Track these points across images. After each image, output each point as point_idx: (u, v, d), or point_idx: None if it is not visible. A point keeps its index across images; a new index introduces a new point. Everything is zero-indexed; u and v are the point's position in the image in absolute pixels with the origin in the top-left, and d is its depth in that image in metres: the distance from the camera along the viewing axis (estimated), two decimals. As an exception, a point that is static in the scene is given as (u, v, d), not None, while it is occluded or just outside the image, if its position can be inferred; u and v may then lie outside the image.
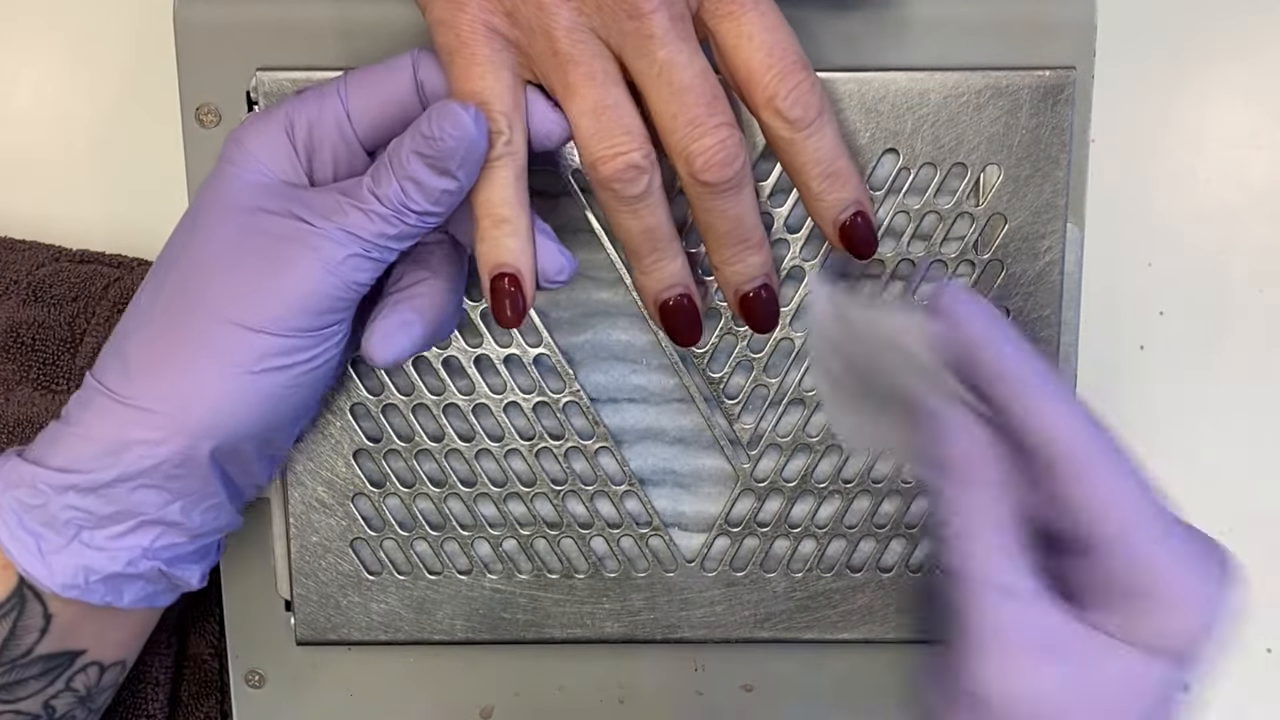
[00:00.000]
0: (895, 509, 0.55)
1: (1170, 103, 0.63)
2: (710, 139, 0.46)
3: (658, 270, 0.49)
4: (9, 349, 0.59)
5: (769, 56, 0.46)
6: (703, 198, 0.47)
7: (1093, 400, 0.63)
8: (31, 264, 0.60)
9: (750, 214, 0.48)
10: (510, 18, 0.46)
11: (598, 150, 0.46)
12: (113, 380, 0.47)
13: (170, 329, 0.46)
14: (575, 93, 0.46)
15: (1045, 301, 0.53)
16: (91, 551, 0.47)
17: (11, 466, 0.47)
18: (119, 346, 0.48)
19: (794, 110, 0.47)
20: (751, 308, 0.50)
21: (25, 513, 0.47)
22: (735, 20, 0.46)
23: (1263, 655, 0.65)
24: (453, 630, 0.56)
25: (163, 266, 0.48)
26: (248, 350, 0.46)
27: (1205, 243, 0.63)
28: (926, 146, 0.52)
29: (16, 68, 0.62)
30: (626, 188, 0.47)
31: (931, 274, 0.53)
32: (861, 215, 0.49)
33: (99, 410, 0.47)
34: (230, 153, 0.48)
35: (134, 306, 0.48)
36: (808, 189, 0.48)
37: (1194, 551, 0.43)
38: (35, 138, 0.62)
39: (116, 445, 0.46)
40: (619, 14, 0.45)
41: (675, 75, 0.46)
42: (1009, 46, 0.53)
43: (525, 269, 0.47)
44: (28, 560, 0.47)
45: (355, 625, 0.56)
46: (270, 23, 0.53)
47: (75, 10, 0.61)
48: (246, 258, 0.46)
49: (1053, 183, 0.53)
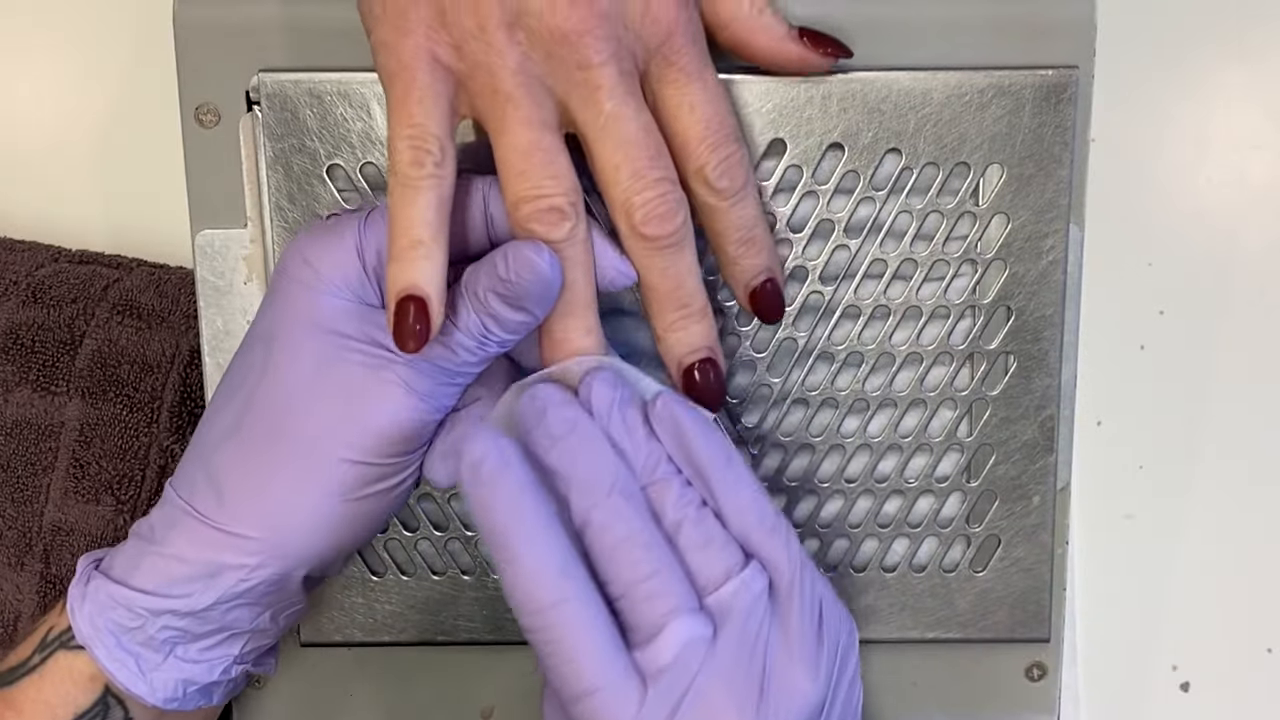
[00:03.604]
0: (898, 509, 0.55)
1: (1170, 103, 0.63)
2: (651, 192, 0.46)
3: (565, 339, 0.48)
4: (8, 350, 0.59)
5: (705, 128, 0.47)
6: (644, 253, 0.47)
7: (1093, 400, 0.64)
8: (31, 265, 0.60)
9: (691, 277, 0.48)
10: (457, 50, 0.46)
11: (521, 190, 0.46)
12: (203, 503, 0.47)
13: (264, 456, 0.47)
14: (508, 131, 0.46)
15: (1048, 301, 0.53)
16: (188, 665, 0.49)
17: (99, 586, 0.48)
18: (207, 466, 0.48)
19: (721, 181, 0.48)
20: (693, 382, 0.49)
21: (123, 634, 0.48)
22: (679, 88, 0.47)
23: (1263, 655, 0.65)
24: (455, 631, 0.56)
25: (243, 382, 0.48)
26: (342, 480, 0.47)
27: (1205, 243, 0.63)
28: (929, 146, 0.52)
29: (16, 68, 0.61)
30: (548, 230, 0.46)
31: (933, 274, 0.53)
32: (771, 282, 0.50)
33: (190, 533, 0.47)
34: (298, 271, 0.48)
35: (216, 420, 0.48)
36: (725, 254, 0.50)
37: None
38: (35, 138, 0.62)
39: (212, 569, 0.47)
40: (569, 64, 0.45)
41: (620, 128, 0.46)
42: (1011, 46, 0.53)
43: (434, 295, 0.45)
44: (129, 679, 0.48)
45: (357, 625, 0.56)
46: (270, 23, 0.53)
47: (75, 10, 0.61)
48: (336, 387, 0.47)
49: (1055, 182, 0.53)
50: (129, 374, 0.60)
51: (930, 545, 0.56)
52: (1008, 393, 0.54)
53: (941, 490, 0.55)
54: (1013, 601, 0.55)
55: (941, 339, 0.54)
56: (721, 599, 0.44)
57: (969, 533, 0.55)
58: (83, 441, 0.59)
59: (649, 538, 0.44)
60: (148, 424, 0.59)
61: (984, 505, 0.55)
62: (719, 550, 0.45)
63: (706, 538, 0.45)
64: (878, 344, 0.54)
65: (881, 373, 0.54)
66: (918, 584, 0.56)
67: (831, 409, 0.54)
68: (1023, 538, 0.55)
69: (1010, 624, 0.56)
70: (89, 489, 0.59)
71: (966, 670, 0.57)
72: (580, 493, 0.45)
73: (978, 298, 0.54)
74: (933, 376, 0.54)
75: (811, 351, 0.54)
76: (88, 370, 0.59)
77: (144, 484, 0.59)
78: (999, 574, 0.55)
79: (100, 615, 0.48)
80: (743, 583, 0.44)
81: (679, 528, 0.45)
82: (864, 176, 0.52)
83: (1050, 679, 0.57)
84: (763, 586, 0.45)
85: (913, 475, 0.55)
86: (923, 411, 0.54)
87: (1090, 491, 0.64)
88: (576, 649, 0.43)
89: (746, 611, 0.44)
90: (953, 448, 0.55)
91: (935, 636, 0.56)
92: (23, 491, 0.59)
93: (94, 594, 0.48)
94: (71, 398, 0.59)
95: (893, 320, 0.54)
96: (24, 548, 0.59)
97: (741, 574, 0.45)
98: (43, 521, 0.59)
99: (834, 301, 0.53)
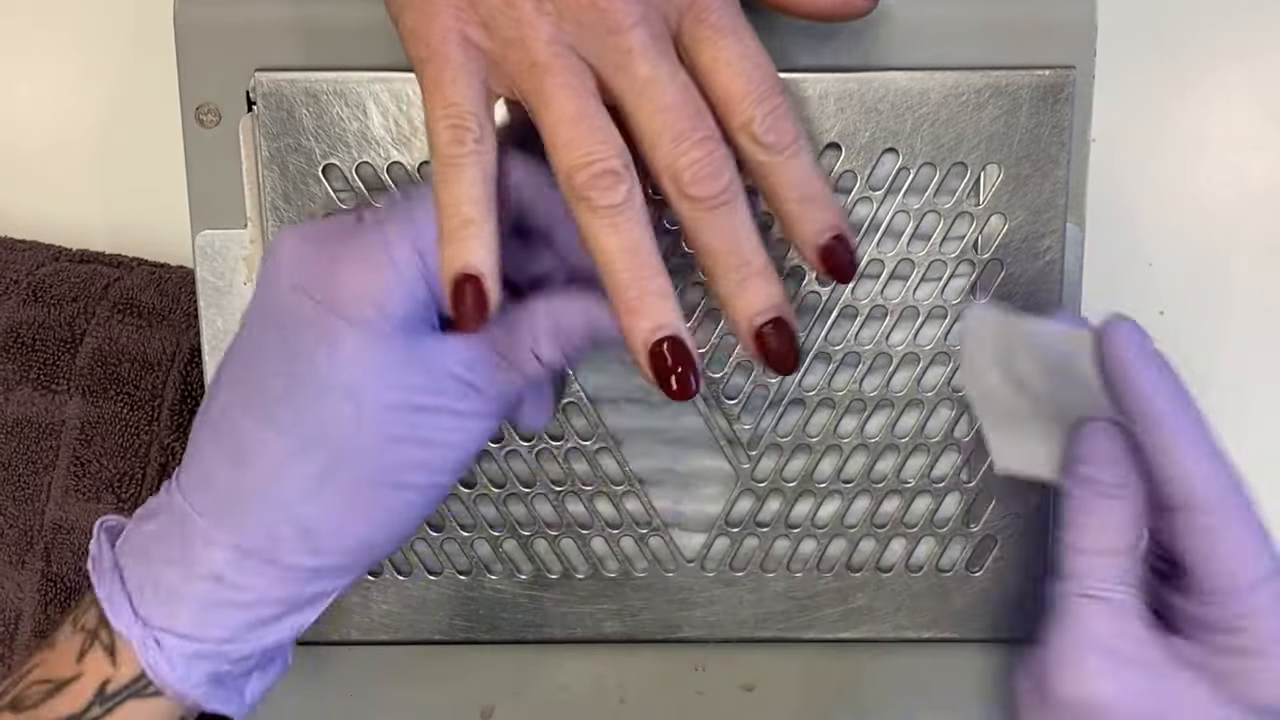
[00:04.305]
0: (895, 509, 0.55)
1: (1170, 103, 0.63)
2: (697, 151, 0.45)
3: (644, 306, 0.45)
4: (9, 349, 0.59)
5: (747, 82, 0.46)
6: (695, 215, 0.45)
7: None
8: (31, 264, 0.61)
9: (749, 235, 0.46)
10: (486, 28, 0.45)
11: (574, 158, 0.44)
12: (291, 554, 0.47)
13: (358, 505, 0.47)
14: (551, 102, 0.45)
15: (1045, 301, 0.53)
16: (267, 675, 0.50)
17: (174, 646, 0.47)
18: (292, 516, 0.47)
19: (769, 135, 0.46)
20: (765, 345, 0.46)
21: (217, 686, 0.48)
22: (713, 45, 0.46)
23: (1263, 655, 0.65)
24: (453, 630, 0.56)
25: (329, 434, 0.47)
26: (410, 510, 0.48)
27: (1205, 243, 0.63)
28: (926, 146, 0.52)
29: (16, 68, 0.62)
30: (603, 195, 0.44)
31: (930, 274, 0.53)
32: (840, 239, 0.47)
33: (277, 579, 0.47)
34: (360, 312, 0.46)
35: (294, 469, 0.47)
36: (785, 213, 0.47)
37: None
38: (35, 138, 0.62)
39: (298, 603, 0.48)
40: (599, 30, 0.45)
41: (657, 91, 0.45)
42: (1009, 46, 0.53)
43: (489, 272, 0.45)
44: (236, 709, 0.49)
45: (355, 625, 0.56)
46: (270, 23, 0.53)
47: (75, 10, 0.61)
48: (424, 435, 0.47)
49: (1052, 182, 0.53)
50: (130, 372, 0.60)
51: (927, 545, 0.56)
52: (1005, 393, 0.54)
53: (938, 490, 0.55)
54: (1010, 602, 0.55)
55: (939, 339, 0.54)
56: None
57: (966, 532, 0.55)
58: (83, 440, 0.59)
59: None
60: (148, 422, 0.60)
61: (981, 505, 0.55)
62: None
63: None
64: (875, 344, 0.54)
65: (879, 373, 0.54)
66: (914, 584, 0.56)
67: (829, 409, 0.54)
68: (1020, 538, 0.55)
69: (1007, 624, 0.56)
70: (90, 487, 0.59)
71: (965, 670, 0.57)
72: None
73: (975, 298, 0.54)
74: (930, 376, 0.54)
75: (809, 351, 0.54)
76: (88, 369, 0.59)
77: (144, 482, 0.59)
78: (996, 574, 0.55)
79: (190, 671, 0.47)
80: None
81: None
82: (861, 176, 0.52)
83: (1049, 679, 0.57)
84: None
85: (910, 475, 0.55)
86: (920, 411, 0.54)
87: (1090, 492, 0.64)
88: (1247, 534, 0.44)
89: None
90: (950, 448, 0.55)
91: (932, 636, 0.56)
92: (24, 490, 0.59)
93: (172, 652, 0.47)
94: (72, 396, 0.59)
95: (890, 320, 0.54)
96: (25, 546, 0.59)
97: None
98: (44, 520, 0.59)
99: (831, 301, 0.53)
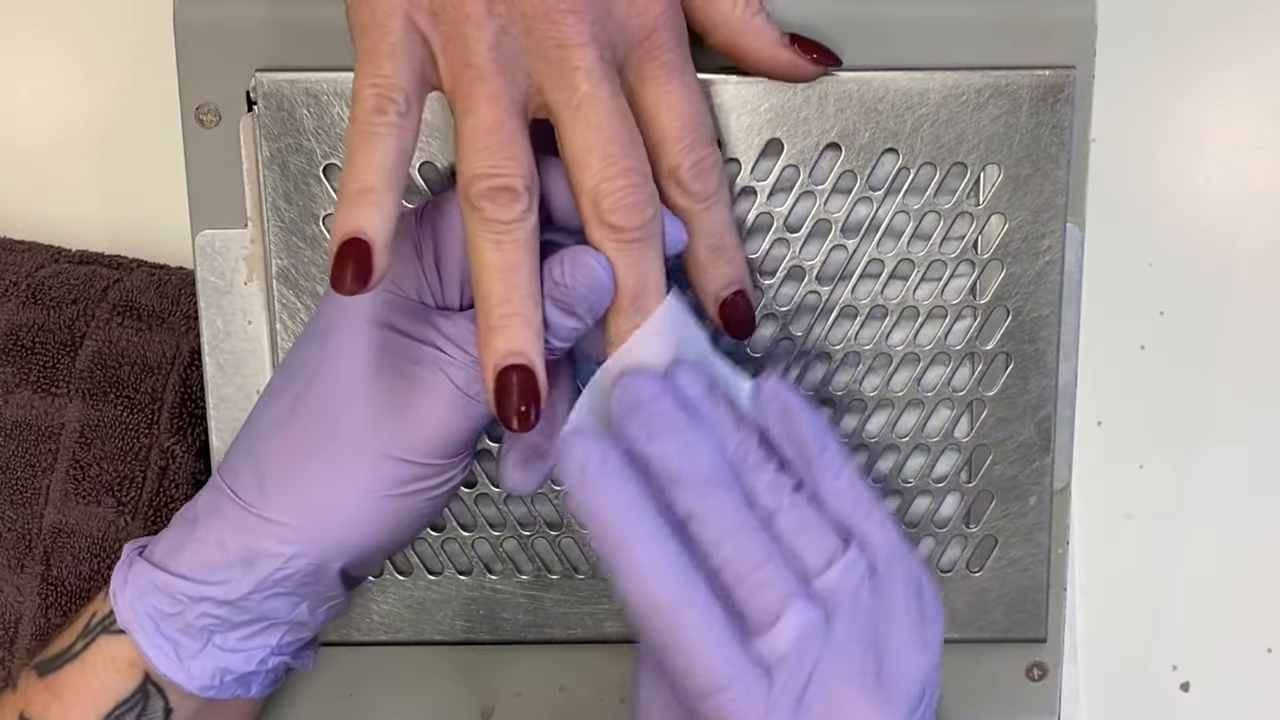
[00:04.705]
0: (895, 509, 0.55)
1: (1170, 103, 0.63)
2: (623, 180, 0.44)
3: (504, 329, 0.44)
4: (8, 351, 0.59)
5: (682, 127, 0.47)
6: (608, 246, 0.45)
7: (1093, 400, 0.64)
8: (31, 265, 0.60)
9: (656, 280, 0.45)
10: (434, 17, 0.45)
11: (478, 166, 0.44)
12: (246, 491, 0.47)
13: (308, 447, 0.47)
14: (476, 108, 0.44)
15: (1045, 301, 0.53)
16: (225, 654, 0.49)
17: (140, 571, 0.48)
18: (253, 454, 0.48)
19: (695, 183, 0.47)
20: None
21: (162, 620, 0.48)
22: (660, 85, 0.46)
23: (1263, 655, 0.65)
24: (453, 630, 0.56)
25: (296, 374, 0.48)
26: (385, 477, 0.47)
27: (1205, 243, 0.63)
28: (926, 146, 0.52)
29: (16, 68, 0.62)
30: (497, 210, 0.44)
31: (930, 274, 0.53)
32: (741, 294, 0.49)
33: (231, 519, 0.47)
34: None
35: (267, 410, 0.48)
36: (695, 260, 0.48)
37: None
38: (35, 138, 0.62)
39: (250, 556, 0.47)
40: (548, 41, 0.44)
41: (593, 110, 0.45)
42: (1009, 46, 0.53)
43: (379, 242, 0.43)
44: (167, 666, 0.48)
45: (356, 625, 0.56)
46: (270, 23, 0.53)
47: (75, 10, 0.61)
48: (387, 384, 0.46)
49: (1052, 182, 0.53)
50: (129, 375, 0.60)
51: (927, 545, 0.56)
52: (1005, 393, 0.54)
53: (939, 490, 0.55)
54: (1009, 601, 0.55)
55: (939, 339, 0.54)
56: (829, 582, 0.44)
57: (966, 533, 0.55)
58: (83, 443, 0.59)
59: (755, 525, 0.44)
60: (148, 425, 0.59)
61: (981, 505, 0.55)
62: (819, 534, 0.44)
63: (804, 523, 0.44)
64: (875, 344, 0.54)
65: (878, 373, 0.54)
66: (915, 584, 0.56)
67: (828, 409, 0.54)
68: (1020, 538, 0.55)
69: (1007, 624, 0.56)
70: (89, 490, 0.59)
71: (966, 670, 0.57)
72: (684, 485, 0.44)
73: (975, 298, 0.54)
74: (930, 376, 0.54)
75: (808, 351, 0.54)
76: (88, 371, 0.59)
77: (144, 485, 0.59)
78: (996, 574, 0.55)
79: (140, 600, 0.48)
80: (848, 565, 0.44)
81: (775, 514, 0.44)
82: (861, 176, 0.52)
83: (1050, 679, 0.57)
84: (865, 567, 0.44)
85: (910, 475, 0.55)
86: (920, 411, 0.54)
87: (1090, 491, 0.64)
88: (702, 647, 0.42)
89: (854, 593, 0.44)
90: (950, 448, 0.55)
91: (933, 636, 0.56)
92: (23, 493, 0.59)
93: (135, 579, 0.48)
94: (71, 399, 0.59)
95: (890, 320, 0.54)
96: (24, 549, 0.59)
97: (845, 556, 0.44)
98: (43, 523, 0.59)
99: (831, 301, 0.53)
